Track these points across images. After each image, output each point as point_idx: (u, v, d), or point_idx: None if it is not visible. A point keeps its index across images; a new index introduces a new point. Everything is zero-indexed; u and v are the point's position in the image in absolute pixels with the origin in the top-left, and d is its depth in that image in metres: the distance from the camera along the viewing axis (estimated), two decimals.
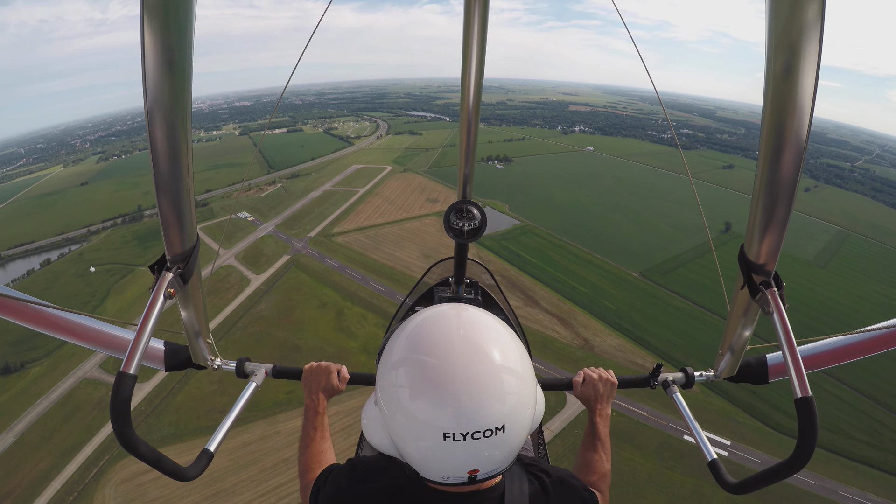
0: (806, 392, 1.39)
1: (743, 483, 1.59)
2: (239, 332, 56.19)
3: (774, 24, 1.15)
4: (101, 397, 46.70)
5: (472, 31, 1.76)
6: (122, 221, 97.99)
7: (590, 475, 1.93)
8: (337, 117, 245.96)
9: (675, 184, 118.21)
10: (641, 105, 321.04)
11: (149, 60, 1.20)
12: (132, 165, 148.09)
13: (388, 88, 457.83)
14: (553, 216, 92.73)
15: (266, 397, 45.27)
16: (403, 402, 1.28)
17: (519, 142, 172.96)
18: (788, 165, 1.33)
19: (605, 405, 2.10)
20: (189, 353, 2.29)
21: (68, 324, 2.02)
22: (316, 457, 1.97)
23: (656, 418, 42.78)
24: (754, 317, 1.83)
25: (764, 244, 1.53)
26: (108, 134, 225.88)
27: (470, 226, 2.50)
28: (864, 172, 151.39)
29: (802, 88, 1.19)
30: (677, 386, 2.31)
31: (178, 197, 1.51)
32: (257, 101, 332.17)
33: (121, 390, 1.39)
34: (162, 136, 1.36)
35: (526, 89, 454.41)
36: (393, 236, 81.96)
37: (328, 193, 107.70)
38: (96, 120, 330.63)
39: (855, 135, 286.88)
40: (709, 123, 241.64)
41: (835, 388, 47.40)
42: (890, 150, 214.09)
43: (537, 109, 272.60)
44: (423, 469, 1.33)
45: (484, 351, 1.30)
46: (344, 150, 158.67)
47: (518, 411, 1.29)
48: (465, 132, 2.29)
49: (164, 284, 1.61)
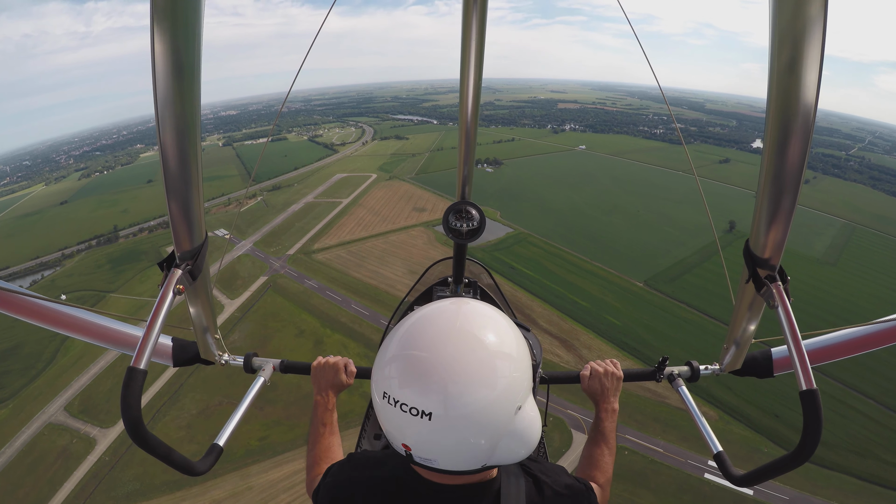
0: (811, 385, 1.41)
1: (749, 475, 1.63)
2: (210, 367, 50.85)
3: (778, 17, 1.16)
4: (66, 445, 43.42)
5: (470, 32, 1.74)
6: (97, 243, 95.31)
7: (591, 469, 1.95)
8: (322, 124, 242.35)
9: (672, 181, 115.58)
10: (630, 100, 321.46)
11: (158, 63, 1.22)
12: (114, 182, 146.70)
13: (375, 92, 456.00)
14: (548, 222, 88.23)
15: (238, 444, 40.81)
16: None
17: (508, 143, 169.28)
18: (794, 158, 1.34)
19: (612, 399, 2.13)
20: (197, 349, 2.31)
21: (77, 321, 2.04)
22: (324, 452, 2.02)
23: (673, 455, 38.31)
24: (759, 311, 1.87)
25: (769, 238, 1.55)
26: (92, 149, 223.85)
27: (469, 226, 2.54)
28: (859, 161, 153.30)
29: (806, 81, 1.20)
30: (682, 379, 2.36)
31: (188, 196, 1.55)
32: (243, 110, 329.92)
33: (131, 385, 1.42)
34: (171, 137, 1.38)
35: (513, 88, 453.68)
36: (377, 251, 77.34)
37: (310, 206, 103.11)
38: (83, 134, 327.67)
39: (844, 122, 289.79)
40: (699, 116, 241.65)
41: (861, 405, 43.90)
42: (881, 137, 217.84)
43: (526, 108, 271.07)
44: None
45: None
46: (328, 159, 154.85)
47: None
48: (464, 133, 2.24)
49: (174, 281, 1.66)
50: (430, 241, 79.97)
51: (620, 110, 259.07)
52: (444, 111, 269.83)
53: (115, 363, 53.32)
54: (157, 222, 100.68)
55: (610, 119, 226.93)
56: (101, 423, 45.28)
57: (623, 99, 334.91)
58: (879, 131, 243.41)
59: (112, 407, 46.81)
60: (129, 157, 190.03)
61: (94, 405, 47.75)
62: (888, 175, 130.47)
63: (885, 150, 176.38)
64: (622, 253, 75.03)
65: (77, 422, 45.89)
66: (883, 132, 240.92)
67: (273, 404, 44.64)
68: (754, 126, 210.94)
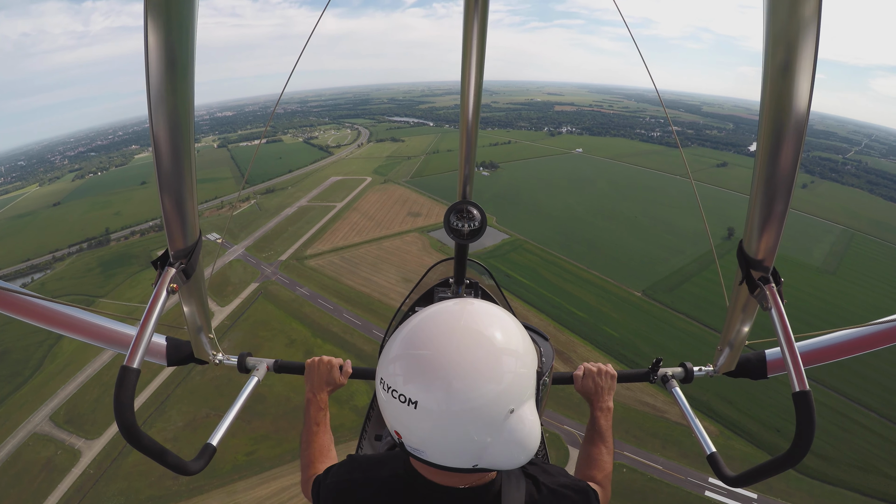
0: (804, 386, 1.44)
1: (742, 476, 1.64)
2: (198, 377, 49.80)
3: (772, 20, 1.17)
4: (50, 456, 42.48)
5: (471, 31, 1.76)
6: (87, 246, 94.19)
7: (590, 469, 1.96)
8: (318, 126, 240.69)
9: (670, 185, 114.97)
10: (627, 103, 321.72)
11: (152, 59, 1.22)
12: (107, 183, 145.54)
13: (372, 94, 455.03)
14: (545, 228, 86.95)
15: (224, 458, 39.82)
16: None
17: (505, 145, 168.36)
18: (787, 160, 1.35)
19: (606, 398, 2.15)
20: (191, 348, 2.31)
21: (71, 320, 2.06)
22: (319, 451, 2.02)
23: (673, 472, 37.37)
24: (753, 312, 1.88)
25: (762, 240, 1.56)
26: (87, 149, 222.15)
27: (470, 226, 2.53)
28: (856, 164, 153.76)
29: (800, 84, 1.21)
30: (676, 381, 2.36)
31: (181, 193, 1.54)
32: (239, 111, 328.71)
33: (124, 384, 1.41)
34: (164, 133, 1.37)
35: (510, 90, 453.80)
36: (370, 257, 75.97)
37: (304, 210, 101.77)
38: (78, 135, 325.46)
39: (841, 125, 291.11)
40: (696, 119, 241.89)
41: (864, 418, 43.07)
42: (878, 140, 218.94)
43: (522, 111, 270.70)
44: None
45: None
46: (323, 161, 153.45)
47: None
48: (465, 132, 2.28)
49: (168, 280, 1.66)
50: (424, 248, 78.83)
51: (617, 113, 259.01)
52: (440, 113, 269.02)
53: (101, 371, 52.31)
54: (149, 225, 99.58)
55: (607, 122, 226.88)
56: (86, 434, 44.27)
57: (620, 101, 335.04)
58: (876, 134, 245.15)
59: (98, 417, 45.91)
60: (124, 159, 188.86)
61: (80, 415, 46.74)
62: (886, 179, 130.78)
63: (882, 154, 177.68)
64: (620, 260, 73.87)
65: (62, 432, 44.90)
66: (879, 135, 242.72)
67: (261, 417, 43.42)
68: (751, 129, 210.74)
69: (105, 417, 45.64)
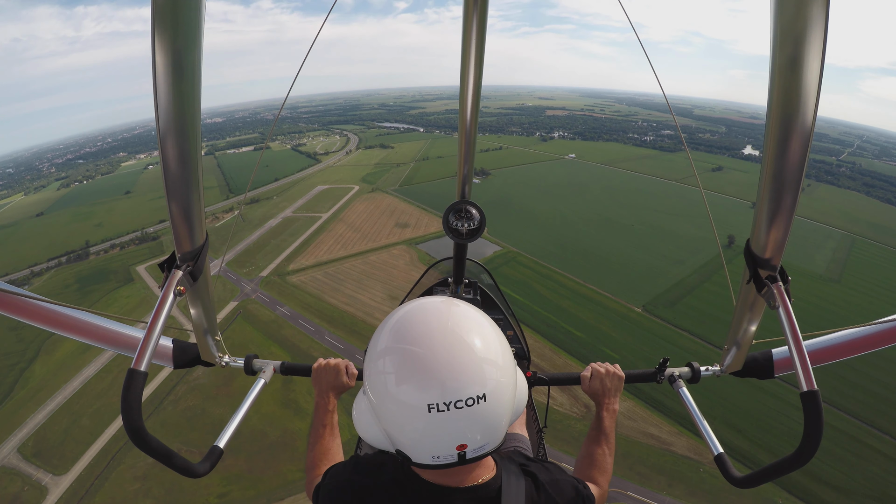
0: (812, 386, 1.42)
1: (749, 477, 1.62)
2: (171, 407, 46.09)
3: (780, 15, 1.17)
4: (17, 492, 39.53)
5: (470, 32, 1.77)
6: (67, 260, 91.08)
7: (590, 469, 1.97)
8: (307, 132, 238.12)
9: (665, 191, 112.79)
10: (618, 107, 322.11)
11: (159, 65, 1.22)
12: (92, 192, 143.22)
13: (363, 100, 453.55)
14: (539, 239, 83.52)
15: (194, 501, 36.79)
16: (390, 387, 1.31)
17: (496, 151, 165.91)
18: (795, 155, 1.35)
19: (613, 399, 2.15)
20: (198, 351, 2.31)
21: (77, 322, 2.03)
22: (324, 453, 2.03)
23: None
24: (760, 311, 1.87)
25: (770, 237, 1.56)
26: (75, 157, 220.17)
27: (469, 226, 2.58)
28: (851, 166, 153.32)
29: (808, 79, 1.21)
30: (683, 381, 2.34)
31: (188, 196, 1.56)
32: (229, 118, 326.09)
33: (132, 387, 1.41)
34: (172, 138, 1.39)
35: (501, 95, 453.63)
36: (355, 273, 72.47)
37: (288, 221, 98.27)
38: (68, 141, 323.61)
39: (832, 126, 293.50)
40: (688, 123, 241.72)
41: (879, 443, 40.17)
42: (869, 141, 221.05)
43: (514, 115, 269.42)
44: (414, 452, 1.35)
45: (465, 342, 1.32)
46: (310, 169, 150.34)
47: (499, 390, 1.32)
48: (464, 133, 2.28)
49: (174, 282, 1.66)
50: (412, 262, 75.24)
51: (609, 117, 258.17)
52: (430, 119, 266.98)
53: (71, 399, 48.91)
54: (130, 238, 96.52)
55: (599, 126, 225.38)
56: (53, 468, 41.07)
57: (611, 105, 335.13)
58: (866, 135, 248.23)
59: (66, 451, 42.65)
60: (111, 167, 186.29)
61: (48, 448, 43.43)
62: (881, 181, 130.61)
63: (875, 155, 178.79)
64: (617, 272, 70.68)
65: (30, 466, 41.71)
66: (870, 136, 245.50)
67: (235, 454, 39.61)
68: (743, 132, 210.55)
69: (73, 451, 42.35)
